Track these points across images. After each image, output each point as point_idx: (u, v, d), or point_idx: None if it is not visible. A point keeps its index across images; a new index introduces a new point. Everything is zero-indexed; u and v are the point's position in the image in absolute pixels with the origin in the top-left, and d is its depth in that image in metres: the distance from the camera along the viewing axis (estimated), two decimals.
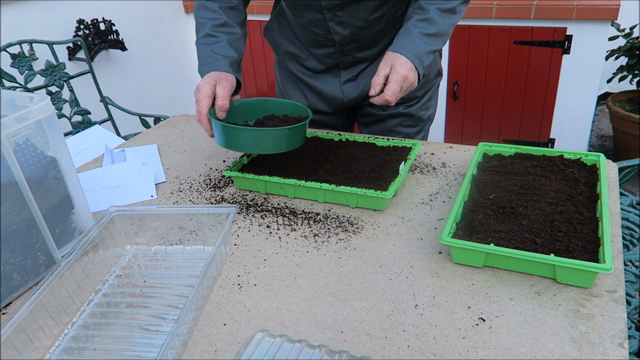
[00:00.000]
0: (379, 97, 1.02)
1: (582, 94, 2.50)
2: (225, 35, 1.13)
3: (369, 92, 1.04)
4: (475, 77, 2.66)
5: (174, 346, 0.65)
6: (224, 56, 1.11)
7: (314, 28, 1.20)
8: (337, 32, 1.18)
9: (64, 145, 0.85)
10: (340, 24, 1.16)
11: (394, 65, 1.02)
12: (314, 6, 1.14)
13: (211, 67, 1.09)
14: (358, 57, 1.25)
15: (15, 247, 0.78)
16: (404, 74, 1.01)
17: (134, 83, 2.97)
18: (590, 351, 0.64)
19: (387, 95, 1.00)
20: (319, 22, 1.17)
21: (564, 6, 2.32)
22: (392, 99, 1.01)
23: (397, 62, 1.03)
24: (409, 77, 1.02)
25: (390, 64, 1.03)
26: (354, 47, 1.22)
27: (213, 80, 1.05)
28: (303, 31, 1.24)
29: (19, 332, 0.67)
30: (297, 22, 1.23)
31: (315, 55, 1.28)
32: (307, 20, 1.19)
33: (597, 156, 1.01)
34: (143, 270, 0.87)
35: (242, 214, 1.00)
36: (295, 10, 1.19)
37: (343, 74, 1.28)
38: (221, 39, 1.13)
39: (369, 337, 0.69)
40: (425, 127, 1.39)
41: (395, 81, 1.01)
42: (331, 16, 1.14)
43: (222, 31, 1.14)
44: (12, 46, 1.85)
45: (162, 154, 1.29)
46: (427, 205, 0.99)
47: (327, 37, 1.20)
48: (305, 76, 1.33)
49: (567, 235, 0.80)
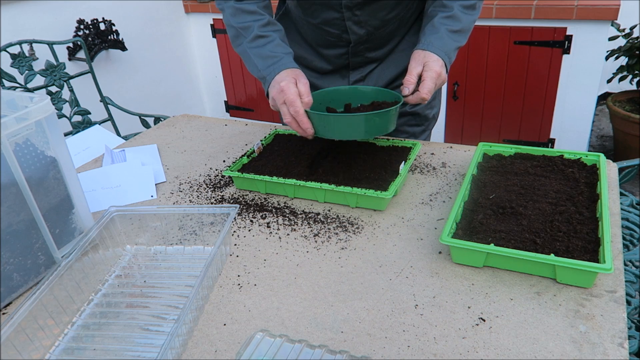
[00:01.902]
0: (414, 96, 1.02)
1: (582, 94, 2.50)
2: (275, 34, 1.11)
3: (402, 92, 1.03)
4: (475, 77, 2.66)
5: (174, 346, 0.65)
6: (284, 53, 1.08)
7: (329, 27, 1.18)
8: (354, 31, 1.17)
9: (64, 145, 0.85)
10: (358, 24, 1.15)
11: (427, 63, 1.03)
12: (332, 5, 1.13)
13: (277, 67, 1.06)
14: (368, 57, 1.24)
15: (15, 247, 0.78)
16: (438, 71, 1.02)
17: (134, 83, 2.97)
18: (590, 351, 0.64)
19: (423, 94, 1.00)
20: (336, 21, 1.16)
21: (564, 6, 2.32)
22: (428, 97, 1.01)
23: (430, 59, 1.03)
24: (442, 74, 1.03)
25: (422, 62, 1.03)
26: (366, 47, 1.22)
27: (293, 79, 1.02)
28: (315, 31, 1.23)
29: (19, 332, 0.67)
30: (309, 22, 1.21)
31: (324, 56, 1.27)
32: (322, 19, 1.17)
33: (597, 156, 1.01)
34: (143, 270, 0.87)
35: (242, 214, 1.00)
36: (309, 9, 1.17)
37: (352, 74, 1.28)
38: (273, 37, 1.10)
39: (369, 337, 0.69)
40: (430, 126, 1.39)
41: (430, 78, 1.01)
42: (350, 15, 1.13)
43: (270, 30, 1.11)
44: (12, 46, 1.85)
45: (162, 154, 1.29)
46: (427, 205, 0.99)
47: (341, 37, 1.19)
48: (312, 78, 1.31)
49: (567, 235, 0.80)
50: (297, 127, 1.01)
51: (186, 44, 3.32)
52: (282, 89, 1.00)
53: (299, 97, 1.00)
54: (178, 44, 3.26)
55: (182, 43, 3.29)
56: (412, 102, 1.03)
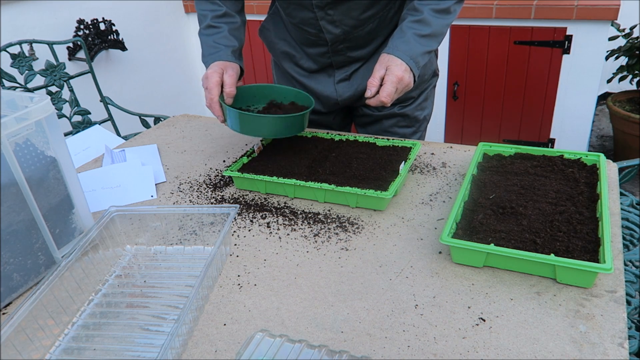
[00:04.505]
0: (375, 99, 1.04)
1: (582, 94, 2.50)
2: (226, 25, 1.19)
3: (364, 93, 1.06)
4: (475, 77, 2.66)
5: (174, 346, 0.65)
6: (225, 46, 1.16)
7: (306, 27, 1.20)
8: (329, 30, 1.18)
9: (64, 145, 0.85)
10: (332, 23, 1.16)
11: (389, 67, 1.04)
12: (305, 5, 1.14)
13: (215, 57, 1.15)
14: (351, 56, 1.25)
15: (15, 247, 0.78)
16: (399, 76, 1.03)
17: (134, 83, 2.97)
18: (590, 351, 0.64)
19: (382, 97, 1.02)
20: (311, 20, 1.17)
21: (564, 6, 2.32)
22: (387, 100, 1.02)
23: (392, 63, 1.04)
24: (404, 78, 1.03)
25: (385, 65, 1.04)
26: (346, 46, 1.22)
27: (220, 69, 1.11)
28: (296, 30, 1.24)
29: (19, 332, 0.67)
30: (290, 22, 1.24)
31: (309, 55, 1.28)
32: (299, 19, 1.19)
33: (597, 156, 1.01)
34: (143, 270, 0.87)
35: (242, 214, 1.00)
36: (287, 9, 1.20)
37: (337, 73, 1.29)
38: (222, 29, 1.18)
39: (369, 337, 0.69)
40: (422, 128, 1.40)
41: (390, 82, 1.02)
42: (322, 15, 1.15)
43: (223, 21, 1.19)
44: (12, 46, 1.85)
45: (162, 154, 1.29)
46: (427, 205, 0.99)
47: (319, 36, 1.20)
48: (300, 76, 1.33)
49: (567, 235, 0.80)
50: (212, 112, 1.12)
51: (186, 44, 3.32)
52: (206, 75, 1.11)
53: (218, 86, 1.10)
54: (178, 44, 3.26)
55: (182, 43, 3.29)
56: (373, 105, 1.05)
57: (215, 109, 1.11)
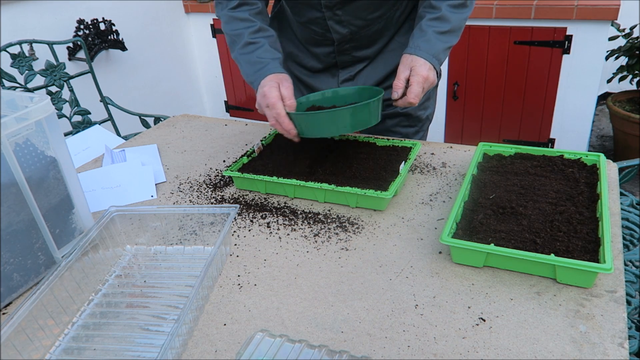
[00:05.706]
0: (402, 100, 1.04)
1: (582, 94, 2.50)
2: (265, 40, 1.13)
3: (391, 96, 1.05)
4: (475, 77, 2.66)
5: (174, 346, 0.65)
6: (271, 59, 1.11)
7: (313, 26, 1.20)
8: (336, 30, 1.18)
9: (64, 145, 0.85)
10: (340, 23, 1.17)
11: (414, 67, 1.04)
12: (313, 4, 1.14)
13: (264, 72, 1.08)
14: (356, 56, 1.25)
15: (15, 247, 0.78)
16: (424, 75, 1.03)
17: (134, 83, 2.97)
18: (590, 351, 0.64)
19: (410, 98, 1.02)
20: (319, 20, 1.17)
21: (564, 6, 2.32)
22: (415, 101, 1.03)
23: (416, 63, 1.04)
24: (429, 77, 1.04)
25: (409, 66, 1.05)
26: (352, 46, 1.23)
27: (276, 83, 1.04)
28: (303, 29, 1.24)
29: (19, 332, 0.67)
30: (296, 21, 1.24)
31: (314, 54, 1.28)
32: (306, 18, 1.19)
33: (597, 156, 1.01)
34: (143, 270, 0.87)
35: (242, 214, 1.00)
36: (295, 8, 1.20)
37: (341, 73, 1.29)
38: (262, 43, 1.12)
39: (369, 337, 0.69)
40: (424, 127, 1.40)
41: (417, 83, 1.03)
42: (330, 15, 1.15)
43: (260, 36, 1.13)
44: (12, 46, 1.85)
45: (162, 154, 1.29)
46: (427, 205, 0.99)
47: (325, 35, 1.21)
48: (304, 75, 1.34)
49: (567, 235, 0.80)
50: (281, 129, 1.03)
51: (186, 44, 3.32)
52: (264, 93, 1.03)
53: (280, 100, 1.02)
54: (178, 44, 3.26)
55: (182, 43, 3.29)
56: (401, 106, 1.05)
57: (285, 123, 1.01)
